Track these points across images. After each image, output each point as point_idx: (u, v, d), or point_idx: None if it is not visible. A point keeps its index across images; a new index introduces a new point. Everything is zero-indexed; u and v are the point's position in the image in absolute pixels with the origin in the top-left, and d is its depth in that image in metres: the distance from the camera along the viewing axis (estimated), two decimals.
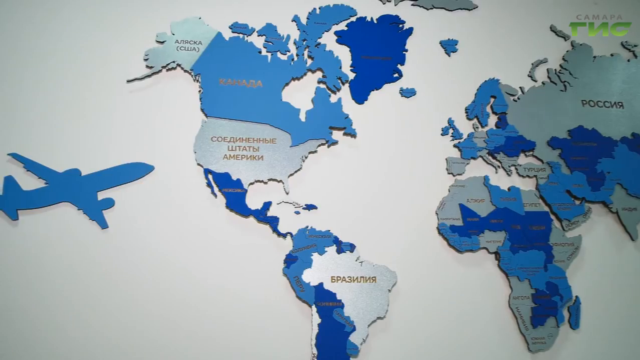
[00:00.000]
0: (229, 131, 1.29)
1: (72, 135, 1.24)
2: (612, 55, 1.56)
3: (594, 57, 1.55)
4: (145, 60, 1.30)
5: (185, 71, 1.32)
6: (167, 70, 1.31)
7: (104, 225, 1.19)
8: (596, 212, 1.42)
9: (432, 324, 1.26)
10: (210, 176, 1.25)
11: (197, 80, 1.31)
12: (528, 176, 1.40)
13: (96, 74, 1.29)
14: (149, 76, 1.30)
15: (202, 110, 1.29)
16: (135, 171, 1.23)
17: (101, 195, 1.21)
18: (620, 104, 1.51)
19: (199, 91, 1.31)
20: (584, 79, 1.51)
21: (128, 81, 1.29)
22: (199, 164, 1.26)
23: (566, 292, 1.33)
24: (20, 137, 1.22)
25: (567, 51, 1.54)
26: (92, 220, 1.19)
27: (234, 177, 1.26)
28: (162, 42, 1.32)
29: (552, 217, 1.39)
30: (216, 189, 1.25)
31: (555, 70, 1.51)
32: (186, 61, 1.32)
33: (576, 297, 1.34)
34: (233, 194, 1.25)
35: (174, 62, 1.31)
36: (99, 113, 1.26)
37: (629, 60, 1.57)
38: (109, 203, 1.21)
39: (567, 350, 1.31)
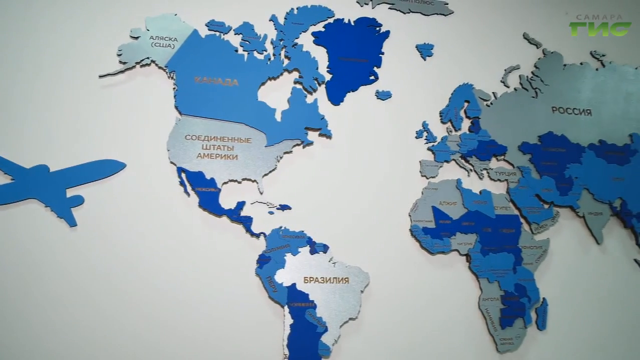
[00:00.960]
0: (203, 130, 1.27)
1: (41, 130, 1.21)
2: (581, 64, 1.60)
3: (564, 65, 1.59)
4: (119, 55, 1.28)
5: (160, 68, 1.30)
6: (141, 66, 1.29)
7: (72, 223, 1.16)
8: (564, 216, 1.46)
9: (403, 324, 1.27)
10: (183, 175, 1.24)
11: (172, 78, 1.29)
12: (499, 180, 1.43)
13: (67, 68, 1.26)
14: (122, 72, 1.27)
15: (177, 107, 1.28)
16: (106, 168, 1.21)
17: (70, 193, 1.18)
18: (588, 111, 1.56)
19: (174, 88, 1.29)
20: (554, 86, 1.55)
21: (100, 76, 1.26)
22: (172, 162, 1.24)
23: (534, 294, 1.36)
24: None
25: (538, 58, 1.58)
26: (60, 217, 1.16)
27: (208, 176, 1.24)
28: (136, 38, 1.30)
29: (522, 220, 1.42)
30: (189, 188, 1.23)
31: (527, 77, 1.54)
32: (161, 58, 1.30)
33: (543, 298, 1.37)
34: (206, 193, 1.23)
35: (148, 58, 1.29)
36: (69, 108, 1.23)
37: (597, 69, 1.61)
38: (78, 200, 1.18)
39: (534, 350, 1.34)
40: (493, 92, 1.50)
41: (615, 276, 1.45)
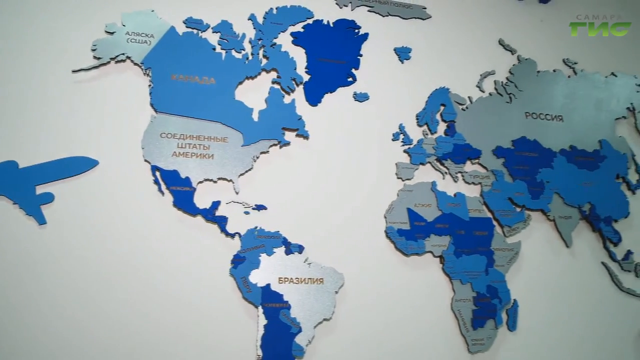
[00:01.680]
0: (179, 128, 1.26)
1: (10, 125, 1.17)
2: (554, 71, 1.64)
3: (538, 71, 1.62)
4: (93, 50, 1.25)
5: (135, 64, 1.28)
6: (116, 62, 1.27)
7: (41, 221, 1.14)
8: (535, 220, 1.49)
9: (377, 325, 1.28)
10: (157, 173, 1.22)
11: (148, 74, 1.28)
12: (473, 183, 1.45)
13: (39, 63, 1.22)
14: (96, 67, 1.25)
15: (152, 105, 1.26)
16: (77, 165, 1.18)
17: (40, 190, 1.15)
18: (560, 117, 1.59)
19: (149, 85, 1.27)
20: (528, 92, 1.58)
21: (74, 71, 1.23)
22: (146, 160, 1.22)
23: (505, 296, 1.38)
24: None
25: (513, 65, 1.61)
26: (29, 215, 1.13)
27: (183, 175, 1.23)
28: (111, 33, 1.27)
29: (495, 223, 1.44)
30: (164, 187, 1.22)
31: (501, 82, 1.57)
32: (137, 54, 1.28)
33: (514, 300, 1.40)
34: (181, 192, 1.22)
35: (123, 54, 1.27)
36: (40, 103, 1.20)
37: (569, 77, 1.65)
38: (48, 198, 1.15)
39: (505, 351, 1.36)
40: (469, 97, 1.52)
41: (583, 278, 1.49)
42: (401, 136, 1.43)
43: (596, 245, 1.53)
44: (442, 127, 1.48)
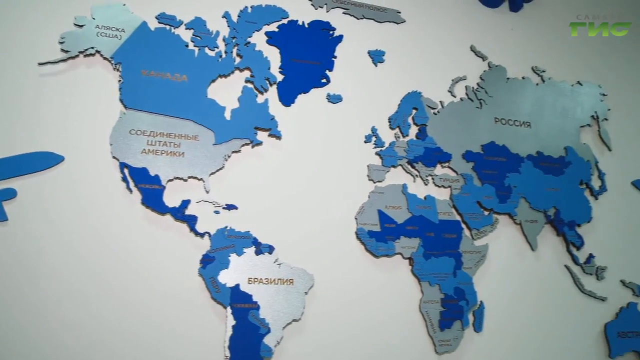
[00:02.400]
0: (149, 125, 1.24)
1: None
2: (523, 78, 1.68)
3: (508, 78, 1.66)
4: (61, 43, 1.22)
5: (105, 58, 1.25)
6: (85, 56, 1.24)
7: (2, 217, 1.10)
8: (502, 223, 1.52)
9: (346, 326, 1.29)
10: (126, 170, 1.20)
11: (117, 70, 1.25)
12: (443, 186, 1.47)
13: (4, 54, 1.18)
14: (64, 60, 1.22)
15: (121, 101, 1.23)
16: (42, 161, 1.15)
17: (2, 185, 1.11)
18: (528, 123, 1.63)
19: (119, 81, 1.24)
20: (497, 98, 1.62)
21: (40, 64, 1.20)
22: (114, 157, 1.20)
23: (472, 297, 1.41)
24: None
25: (484, 71, 1.64)
26: None
27: (152, 173, 1.21)
28: (80, 26, 1.24)
29: (463, 226, 1.47)
30: (132, 184, 1.20)
31: (472, 87, 1.60)
32: (106, 48, 1.25)
33: (481, 302, 1.42)
34: (150, 190, 1.20)
35: (92, 48, 1.24)
36: (4, 96, 1.16)
37: (537, 84, 1.70)
38: (10, 194, 1.11)
39: (471, 351, 1.39)
40: (440, 101, 1.55)
41: (547, 281, 1.53)
42: (373, 138, 1.44)
43: (560, 249, 1.58)
44: (413, 131, 1.49)
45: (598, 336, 1.54)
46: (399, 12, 1.59)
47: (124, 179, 1.19)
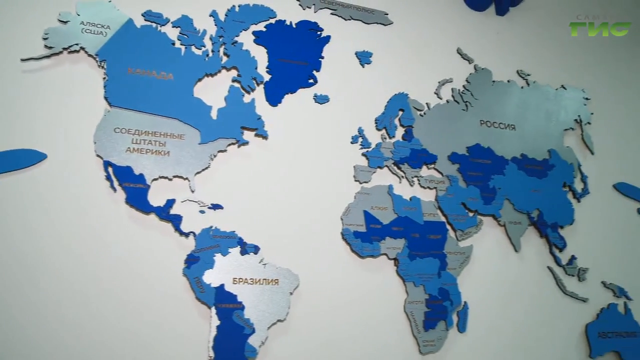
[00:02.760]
0: (134, 123, 1.23)
1: None
2: (508, 81, 1.70)
3: (493, 81, 1.67)
4: (45, 39, 1.20)
5: (90, 55, 1.23)
6: (69, 52, 1.22)
7: None
8: (486, 224, 1.53)
9: (330, 326, 1.29)
10: (110, 169, 1.18)
11: (102, 67, 1.24)
12: (429, 187, 1.48)
13: None
14: (47, 57, 1.20)
15: (106, 98, 1.22)
16: (23, 158, 1.13)
17: None
18: (512, 126, 1.65)
19: (104, 78, 1.23)
20: (483, 101, 1.63)
21: (22, 60, 1.18)
22: (98, 156, 1.18)
23: (456, 298, 1.42)
24: None
25: (470, 74, 1.65)
26: None
27: (137, 172, 1.20)
28: (65, 22, 1.23)
29: (448, 227, 1.48)
30: (116, 183, 1.18)
31: (458, 90, 1.62)
32: (91, 45, 1.24)
33: (465, 302, 1.44)
34: (134, 189, 1.19)
35: (77, 44, 1.22)
36: None
37: (522, 88, 1.72)
38: None
39: (454, 352, 1.40)
40: (427, 103, 1.56)
41: (530, 282, 1.55)
42: (360, 139, 1.45)
43: (543, 250, 1.60)
44: (400, 132, 1.50)
45: (579, 336, 1.56)
46: (387, 14, 1.60)
47: (108, 178, 1.18)
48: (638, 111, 1.91)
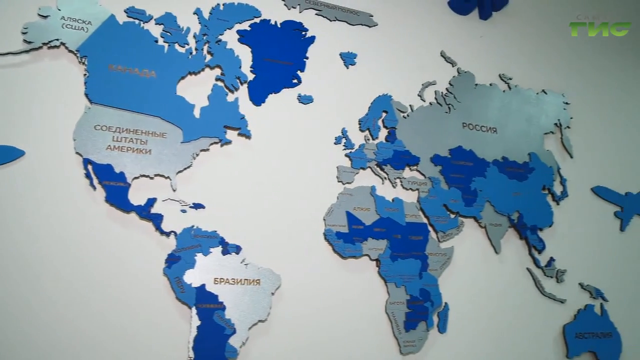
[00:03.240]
0: (115, 120, 1.21)
1: None
2: (490, 84, 1.72)
3: (476, 84, 1.69)
4: (24, 34, 1.18)
5: (70, 51, 1.21)
6: (49, 47, 1.20)
7: None
8: (468, 226, 1.55)
9: (312, 326, 1.29)
10: (90, 167, 1.17)
11: (83, 63, 1.22)
12: (411, 189, 1.49)
13: None
14: (26, 52, 1.18)
15: (87, 95, 1.20)
16: (0, 155, 1.11)
17: None
18: (494, 129, 1.67)
19: (85, 75, 1.21)
20: (465, 104, 1.65)
21: (0, 54, 1.16)
22: (77, 153, 1.16)
23: (437, 299, 1.43)
24: None
25: (453, 76, 1.67)
26: None
27: (117, 170, 1.18)
28: (45, 17, 1.21)
29: (430, 228, 1.49)
30: (95, 181, 1.17)
31: (441, 92, 1.63)
32: (72, 41, 1.22)
33: (445, 303, 1.45)
34: (114, 188, 1.17)
35: (57, 40, 1.20)
36: None
37: (504, 91, 1.74)
38: None
39: (435, 352, 1.41)
40: (410, 105, 1.57)
41: (509, 283, 1.57)
42: (343, 140, 1.45)
43: (522, 252, 1.62)
44: (383, 133, 1.51)
45: (557, 337, 1.59)
46: (372, 16, 1.60)
47: (88, 176, 1.16)
48: (616, 116, 1.95)
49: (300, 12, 1.51)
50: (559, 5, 1.98)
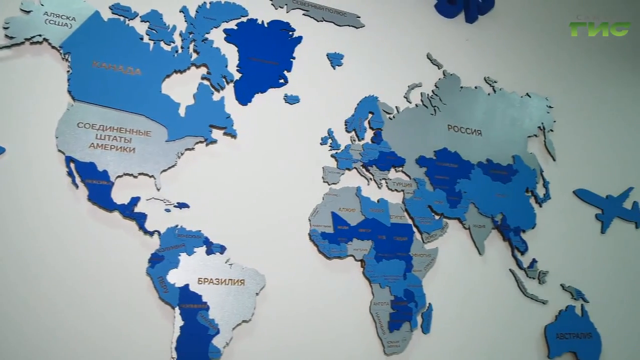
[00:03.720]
0: (98, 118, 1.20)
1: None
2: (476, 87, 1.74)
3: (461, 87, 1.71)
4: (5, 29, 1.16)
5: (53, 47, 1.20)
6: (31, 43, 1.18)
7: None
8: (452, 227, 1.56)
9: (296, 327, 1.28)
10: (72, 165, 1.15)
11: (67, 59, 1.20)
12: (396, 190, 1.50)
13: None
14: (7, 47, 1.16)
15: (70, 92, 1.19)
16: None
17: None
18: (479, 131, 1.69)
19: (68, 71, 1.20)
20: (451, 106, 1.66)
21: None
22: (60, 151, 1.15)
23: (421, 300, 1.44)
24: None
25: (439, 79, 1.68)
26: None
27: (100, 168, 1.17)
28: (27, 12, 1.19)
29: (414, 229, 1.50)
30: (78, 179, 1.15)
31: (427, 94, 1.64)
32: (55, 37, 1.20)
33: (429, 304, 1.46)
34: (97, 186, 1.16)
35: (40, 35, 1.18)
36: None
37: (489, 94, 1.76)
38: None
39: (418, 352, 1.41)
40: (396, 106, 1.57)
41: (492, 284, 1.58)
42: (329, 140, 1.45)
43: (505, 254, 1.63)
44: (369, 134, 1.51)
45: (538, 337, 1.61)
46: (359, 17, 1.61)
47: (70, 174, 1.14)
48: (598, 120, 1.98)
49: (287, 12, 1.51)
50: (544, 9, 2.01)
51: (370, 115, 1.52)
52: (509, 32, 1.89)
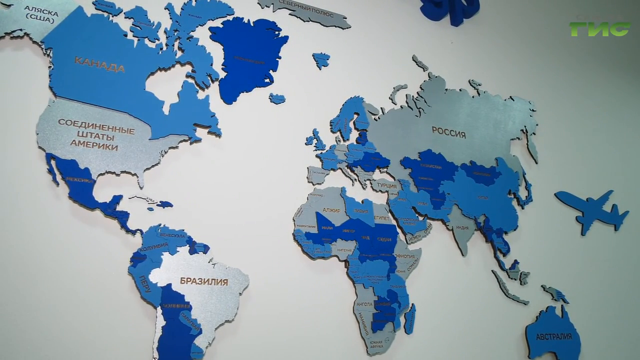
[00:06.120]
0: (80, 115, 1.18)
1: None
2: (460, 90, 1.75)
3: (446, 89, 1.72)
4: None
5: (35, 42, 1.18)
6: (12, 38, 1.16)
7: None
8: (435, 229, 1.57)
9: (279, 327, 1.28)
10: (53, 162, 1.13)
11: (48, 55, 1.18)
12: (381, 191, 1.51)
13: None
14: None
15: (51, 88, 1.17)
16: None
17: None
18: (463, 134, 1.70)
19: (49, 67, 1.18)
20: (435, 108, 1.67)
21: None
22: (40, 147, 1.13)
23: (404, 300, 1.45)
24: None
25: (424, 81, 1.69)
26: None
27: (82, 166, 1.15)
28: (7, 6, 1.16)
29: (398, 230, 1.50)
30: (59, 177, 1.13)
31: (412, 96, 1.65)
32: (37, 31, 1.18)
33: (412, 304, 1.46)
34: (78, 184, 1.14)
35: (21, 30, 1.16)
36: None
37: (473, 97, 1.77)
38: None
39: (401, 353, 1.42)
40: (381, 108, 1.58)
41: (475, 285, 1.60)
42: (314, 141, 1.45)
43: (488, 255, 1.65)
44: (354, 135, 1.52)
45: (519, 337, 1.63)
46: (345, 18, 1.61)
47: (51, 171, 1.13)
48: (579, 124, 2.02)
49: (273, 12, 1.50)
50: (529, 14, 2.03)
51: (355, 116, 1.53)
52: (494, 36, 1.92)
